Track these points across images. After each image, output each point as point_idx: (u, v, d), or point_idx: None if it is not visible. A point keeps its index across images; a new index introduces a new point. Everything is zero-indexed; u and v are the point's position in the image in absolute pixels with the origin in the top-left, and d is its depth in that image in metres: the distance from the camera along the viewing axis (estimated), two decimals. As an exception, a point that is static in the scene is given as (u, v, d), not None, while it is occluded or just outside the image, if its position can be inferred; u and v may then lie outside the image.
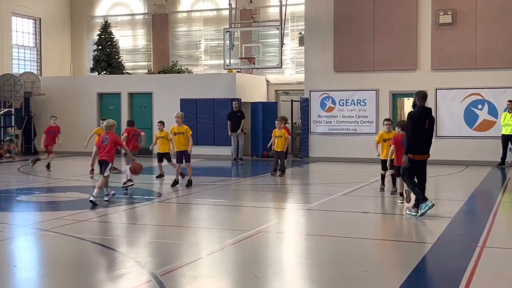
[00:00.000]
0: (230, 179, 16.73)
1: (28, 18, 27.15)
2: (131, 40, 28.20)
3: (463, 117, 20.17)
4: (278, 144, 16.46)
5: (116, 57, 26.40)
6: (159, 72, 26.34)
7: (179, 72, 25.87)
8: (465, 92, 20.15)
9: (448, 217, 10.28)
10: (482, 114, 20.01)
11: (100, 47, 26.13)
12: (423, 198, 10.10)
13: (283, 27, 22.02)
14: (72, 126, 23.45)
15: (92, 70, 26.53)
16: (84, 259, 7.66)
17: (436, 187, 14.95)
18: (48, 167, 17.78)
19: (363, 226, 9.84)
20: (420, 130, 10.14)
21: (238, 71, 23.49)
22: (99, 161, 11.84)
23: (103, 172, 11.65)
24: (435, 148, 19.80)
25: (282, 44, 22.23)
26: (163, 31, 27.49)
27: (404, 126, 10.74)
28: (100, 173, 11.85)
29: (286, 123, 17.84)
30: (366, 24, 21.04)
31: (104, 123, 12.15)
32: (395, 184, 12.58)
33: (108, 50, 26.07)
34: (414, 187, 10.30)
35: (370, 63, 21.08)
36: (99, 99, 24.89)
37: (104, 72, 25.91)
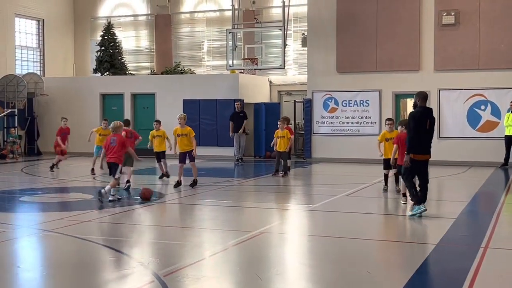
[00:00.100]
0: (233, 180, 16.73)
1: (31, 19, 27.19)
2: (134, 41, 28.23)
3: (466, 117, 20.16)
4: (281, 145, 16.47)
5: (119, 58, 26.43)
6: (162, 73, 26.35)
7: (182, 73, 25.89)
8: (468, 93, 20.13)
9: (451, 218, 10.27)
10: (485, 115, 20.00)
11: (103, 48, 26.16)
12: (418, 201, 10.20)
13: (286, 28, 22.02)
14: (75, 127, 23.30)
15: (95, 71, 26.56)
16: (87, 260, 7.67)
17: (439, 188, 14.94)
18: (52, 168, 17.83)
19: (366, 227, 9.84)
20: (421, 130, 10.17)
21: (241, 72, 23.49)
22: (107, 162, 11.99)
23: (114, 174, 11.80)
24: (438, 148, 20.06)
25: (285, 45, 22.23)
26: (166, 32, 27.51)
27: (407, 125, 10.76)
28: (110, 174, 12.02)
29: (289, 123, 17.87)
30: (369, 25, 21.03)
31: (111, 124, 12.21)
32: (398, 183, 12.60)
33: (111, 51, 26.10)
34: (412, 188, 10.38)
35: (373, 63, 21.07)
36: (102, 100, 24.91)
37: (107, 73, 25.93)
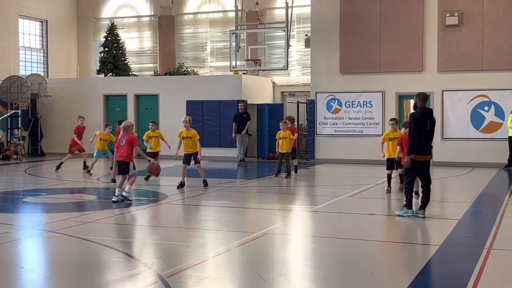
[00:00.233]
0: (236, 181, 16.73)
1: (35, 20, 27.24)
2: (137, 42, 28.26)
3: (469, 118, 20.13)
4: (283, 146, 16.48)
5: (122, 59, 26.45)
6: (165, 74, 26.38)
7: (185, 74, 25.91)
8: (471, 94, 20.10)
9: (455, 219, 10.27)
10: (489, 116, 19.97)
11: (106, 49, 26.20)
12: (409, 205, 10.43)
13: (289, 29, 22.01)
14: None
15: (98, 72, 26.60)
16: (90, 261, 7.68)
17: (442, 189, 14.93)
18: (58, 167, 18.05)
19: (369, 228, 9.83)
20: (422, 131, 10.19)
21: (244, 73, 23.50)
22: (117, 161, 12.28)
23: (127, 172, 12.10)
24: (441, 149, 20.08)
25: (288, 46, 22.21)
26: (169, 33, 27.53)
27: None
28: (119, 174, 12.30)
29: (293, 123, 17.87)
30: (372, 26, 21.02)
31: (122, 124, 12.53)
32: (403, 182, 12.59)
33: (114, 52, 26.13)
34: (408, 191, 10.48)
35: (376, 64, 21.05)
36: (106, 101, 24.95)
37: (111, 74, 25.96)
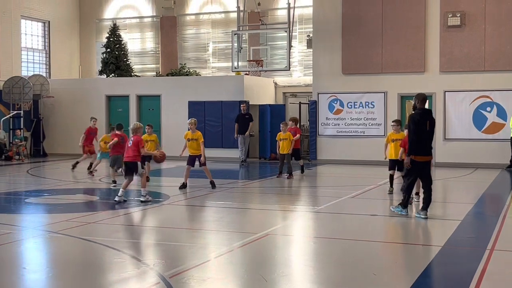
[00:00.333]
0: (238, 182, 16.74)
1: (37, 21, 27.27)
2: (139, 43, 28.29)
3: (471, 119, 20.12)
4: (284, 147, 16.50)
5: (125, 59, 26.47)
6: (167, 75, 26.40)
7: (187, 75, 25.92)
8: (473, 95, 20.09)
9: (457, 219, 10.26)
10: (491, 117, 19.95)
11: (108, 49, 26.21)
12: (405, 204, 10.54)
13: (291, 30, 22.01)
14: (81, 129, 23.33)
15: (100, 73, 26.61)
16: (93, 261, 7.69)
17: (444, 190, 14.92)
18: (74, 166, 18.32)
19: (371, 229, 9.82)
20: (421, 131, 10.21)
21: (246, 74, 23.50)
22: (125, 162, 12.46)
23: (137, 171, 12.31)
24: (443, 150, 20.07)
25: (290, 46, 22.22)
26: (171, 33, 27.55)
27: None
28: (126, 175, 12.40)
29: (297, 124, 17.84)
30: (374, 27, 21.01)
31: (132, 125, 12.71)
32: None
33: (116, 53, 26.14)
34: (406, 191, 10.53)
35: (378, 65, 21.04)
36: (108, 102, 24.96)
37: (113, 74, 25.98)
